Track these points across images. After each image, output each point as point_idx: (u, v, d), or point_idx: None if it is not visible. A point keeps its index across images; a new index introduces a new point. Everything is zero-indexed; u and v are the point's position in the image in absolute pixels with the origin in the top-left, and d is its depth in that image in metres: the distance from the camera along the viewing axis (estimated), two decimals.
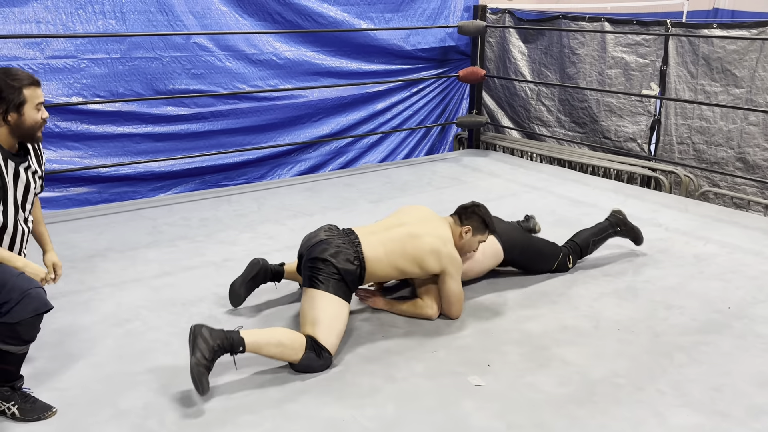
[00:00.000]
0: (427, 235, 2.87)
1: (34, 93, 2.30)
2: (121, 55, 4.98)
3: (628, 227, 3.66)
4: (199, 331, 2.40)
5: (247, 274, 3.07)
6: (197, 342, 2.36)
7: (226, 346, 2.41)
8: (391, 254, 2.83)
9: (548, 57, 6.37)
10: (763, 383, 2.48)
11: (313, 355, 2.54)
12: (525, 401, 2.37)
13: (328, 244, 2.76)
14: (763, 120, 4.99)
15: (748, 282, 3.37)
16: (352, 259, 2.75)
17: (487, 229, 3.04)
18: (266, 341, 2.49)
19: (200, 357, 2.34)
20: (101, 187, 5.12)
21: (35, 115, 2.32)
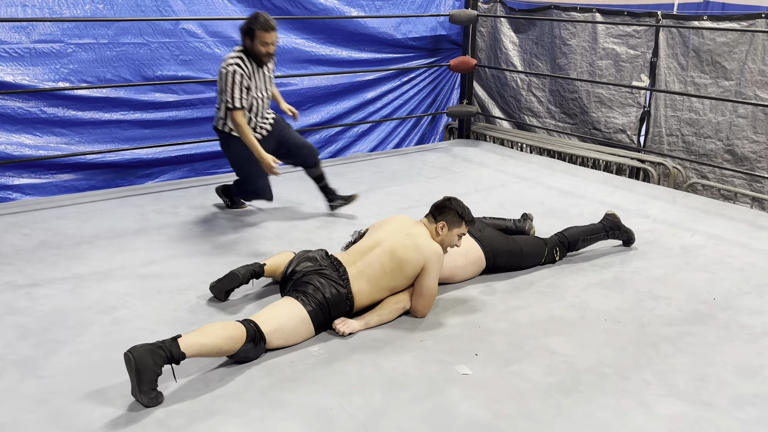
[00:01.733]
0: (405, 239, 2.83)
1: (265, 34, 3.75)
2: (109, 41, 4.92)
3: (622, 230, 3.66)
4: (138, 358, 2.21)
5: (224, 285, 3.00)
6: (141, 375, 2.21)
7: (168, 360, 2.27)
8: (374, 279, 2.80)
9: (539, 47, 6.36)
10: (746, 374, 2.50)
11: (250, 345, 2.48)
12: (512, 390, 2.38)
13: (322, 275, 2.73)
14: (751, 112, 5.01)
15: (734, 273, 3.39)
16: (345, 298, 2.75)
17: (462, 220, 2.93)
18: (205, 346, 2.37)
19: (147, 390, 2.23)
20: (88, 174, 5.07)
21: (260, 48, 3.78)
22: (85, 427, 2.17)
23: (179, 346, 2.30)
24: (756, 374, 2.50)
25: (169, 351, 2.27)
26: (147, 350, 2.24)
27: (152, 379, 2.24)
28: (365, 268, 2.82)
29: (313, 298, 2.68)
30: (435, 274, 2.85)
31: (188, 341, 2.33)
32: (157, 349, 2.26)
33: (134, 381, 2.23)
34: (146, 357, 2.22)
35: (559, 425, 2.19)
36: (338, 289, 2.74)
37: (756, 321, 2.90)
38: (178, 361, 2.30)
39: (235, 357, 2.50)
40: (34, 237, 3.83)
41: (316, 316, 2.68)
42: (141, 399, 2.24)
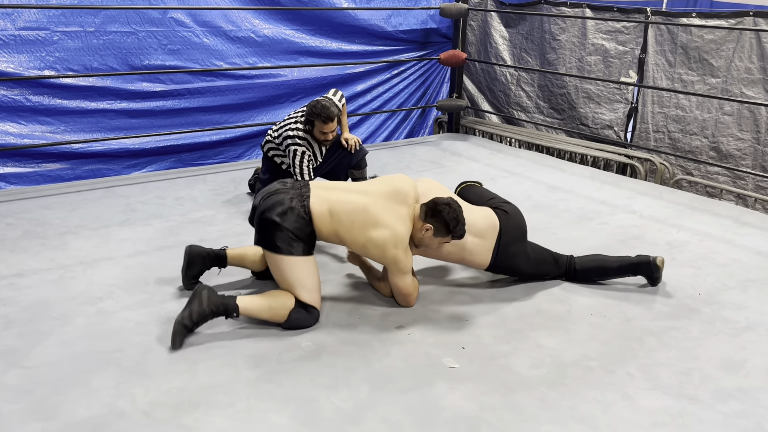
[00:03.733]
0: (381, 227, 2.71)
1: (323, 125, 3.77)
2: (96, 29, 4.87)
3: (653, 278, 3.14)
4: (199, 292, 2.60)
5: (183, 265, 3.03)
6: (192, 303, 2.58)
7: (221, 311, 2.61)
8: (336, 218, 2.72)
9: (529, 42, 6.37)
10: (729, 368, 2.53)
11: (301, 311, 2.70)
12: (498, 383, 2.39)
13: (278, 203, 2.69)
14: (737, 110, 5.06)
15: (719, 269, 3.43)
16: (302, 215, 2.69)
17: (449, 234, 2.77)
18: (258, 306, 2.67)
19: (186, 316, 2.55)
20: (74, 164, 5.02)
21: (320, 136, 3.84)
22: (69, 419, 2.15)
23: (235, 300, 2.64)
24: (739, 368, 2.53)
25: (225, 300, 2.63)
26: (208, 290, 2.64)
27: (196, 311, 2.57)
28: (336, 202, 2.73)
29: (282, 240, 2.66)
30: (401, 276, 2.80)
31: (243, 298, 2.66)
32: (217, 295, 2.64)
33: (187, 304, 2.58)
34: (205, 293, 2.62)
35: (544, 417, 2.21)
36: (296, 203, 2.70)
37: (739, 316, 2.93)
38: (231, 312, 2.64)
39: (286, 324, 2.70)
40: (18, 227, 3.79)
41: (300, 250, 2.69)
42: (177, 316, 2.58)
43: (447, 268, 3.37)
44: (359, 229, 2.72)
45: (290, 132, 3.88)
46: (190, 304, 2.58)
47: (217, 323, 2.73)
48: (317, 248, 3.10)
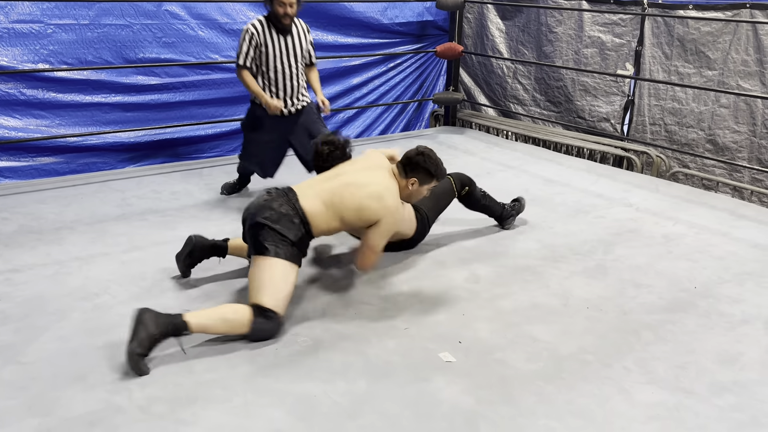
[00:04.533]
0: (369, 185, 2.83)
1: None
2: (90, 21, 4.83)
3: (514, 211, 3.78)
4: (141, 317, 2.38)
5: (182, 252, 3.04)
6: (138, 330, 2.36)
7: (170, 331, 2.40)
8: (331, 206, 2.78)
9: (525, 35, 6.35)
10: (725, 361, 2.54)
11: (261, 320, 2.54)
12: (495, 377, 2.40)
13: (268, 208, 2.70)
14: (733, 102, 5.06)
15: (715, 262, 3.43)
16: (293, 218, 2.70)
17: (434, 177, 2.95)
18: (212, 320, 2.49)
19: (135, 346, 2.34)
20: (69, 158, 5.00)
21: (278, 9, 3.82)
22: (65, 414, 2.15)
23: (182, 316, 2.45)
24: (735, 362, 2.54)
25: (172, 319, 2.42)
26: (151, 312, 2.40)
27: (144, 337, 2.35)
28: (322, 192, 2.80)
29: (271, 242, 2.63)
30: (384, 233, 2.86)
31: (193, 313, 2.49)
32: (162, 315, 2.42)
33: (130, 333, 2.37)
34: (148, 316, 2.38)
35: (541, 412, 2.21)
36: (287, 209, 2.70)
37: (735, 309, 2.94)
38: (181, 331, 2.43)
39: (251, 336, 2.56)
40: (13, 221, 3.78)
41: (288, 254, 2.64)
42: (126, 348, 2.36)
43: (443, 263, 3.37)
44: (350, 198, 2.80)
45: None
46: (136, 332, 2.35)
47: None
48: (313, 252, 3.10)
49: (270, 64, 3.89)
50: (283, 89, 3.96)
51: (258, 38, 3.84)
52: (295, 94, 4.01)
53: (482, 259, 3.42)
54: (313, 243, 3.17)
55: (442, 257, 3.43)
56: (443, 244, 3.57)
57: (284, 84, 3.95)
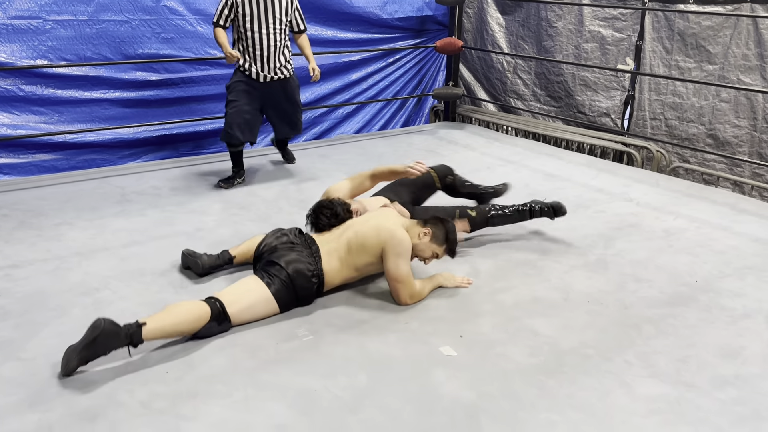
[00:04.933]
0: (372, 219, 2.89)
1: None
2: (89, 17, 4.82)
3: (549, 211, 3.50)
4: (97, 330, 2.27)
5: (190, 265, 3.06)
6: (92, 345, 2.27)
7: (124, 342, 2.32)
8: (345, 260, 2.82)
9: (525, 29, 6.34)
10: (727, 355, 2.54)
11: (213, 324, 2.53)
12: (496, 371, 2.40)
13: (292, 252, 2.75)
14: (734, 97, 5.04)
15: (715, 256, 3.43)
16: (311, 275, 2.75)
17: (445, 244, 2.89)
18: (166, 325, 2.42)
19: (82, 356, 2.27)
20: (68, 154, 4.99)
21: None
22: (66, 410, 2.15)
23: (141, 334, 2.34)
24: (736, 355, 2.53)
25: (127, 331, 2.33)
26: (107, 326, 2.28)
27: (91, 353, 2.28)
28: (339, 248, 2.84)
29: (277, 278, 2.69)
30: (394, 257, 2.76)
31: (151, 327, 2.37)
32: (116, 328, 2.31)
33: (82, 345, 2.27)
34: (104, 330, 2.27)
35: (542, 405, 2.21)
36: (306, 265, 2.74)
37: (737, 303, 2.94)
38: (137, 343, 2.35)
39: (198, 334, 2.53)
40: (13, 217, 3.77)
41: (281, 296, 2.69)
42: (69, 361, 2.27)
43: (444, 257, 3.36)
44: (356, 242, 2.81)
45: None
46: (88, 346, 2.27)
47: None
48: None
49: (246, 26, 4.01)
50: (260, 54, 4.07)
51: (234, 3, 3.97)
52: (272, 60, 4.11)
53: (483, 253, 3.41)
54: None
55: None
56: None
57: (261, 48, 4.05)
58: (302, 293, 2.75)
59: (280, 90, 4.26)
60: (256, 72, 4.14)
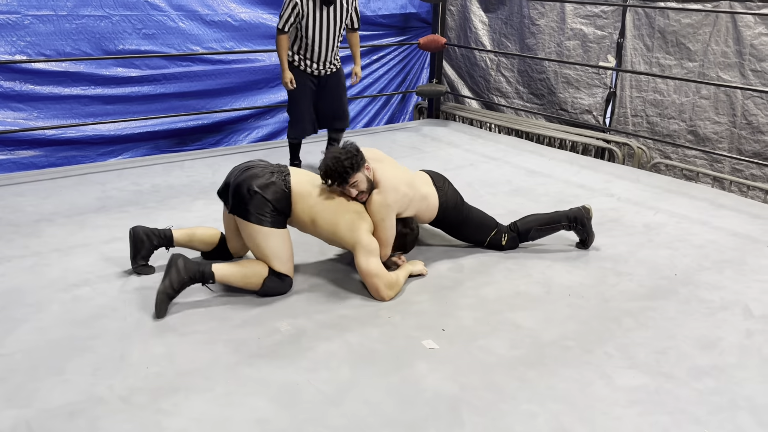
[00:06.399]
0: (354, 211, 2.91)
1: None
2: (68, 12, 4.77)
3: (586, 228, 3.38)
4: (175, 261, 2.67)
5: (132, 248, 3.01)
6: (170, 271, 2.65)
7: (197, 277, 2.69)
8: (316, 200, 2.85)
9: (509, 27, 6.36)
10: (705, 346, 2.57)
11: (275, 278, 2.80)
12: (477, 363, 2.41)
13: (258, 174, 2.80)
14: (714, 94, 5.11)
15: (695, 250, 3.47)
16: (282, 188, 2.80)
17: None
18: (233, 274, 2.76)
19: (167, 285, 2.63)
20: (47, 151, 4.93)
21: None
22: (44, 406, 2.12)
23: (211, 266, 2.73)
24: (714, 347, 2.57)
25: (201, 267, 2.70)
26: (183, 258, 2.69)
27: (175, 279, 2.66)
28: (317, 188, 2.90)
29: (260, 208, 2.74)
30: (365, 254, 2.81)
31: (219, 265, 2.75)
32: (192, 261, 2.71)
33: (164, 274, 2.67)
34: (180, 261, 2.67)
35: (523, 397, 2.22)
36: (275, 182, 2.80)
37: (715, 296, 2.98)
38: (208, 279, 2.71)
39: (260, 292, 2.81)
40: None
41: (275, 220, 2.78)
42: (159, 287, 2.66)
43: (426, 252, 3.37)
44: (333, 210, 2.87)
45: None
46: (168, 274, 2.65)
47: (196, 304, 2.71)
48: (298, 231, 3.09)
49: (309, 32, 4.17)
50: (318, 55, 4.27)
51: (300, 9, 4.10)
52: (329, 59, 4.33)
53: (465, 248, 3.42)
54: (298, 237, 3.15)
55: (425, 247, 3.43)
56: (426, 234, 3.57)
57: (320, 51, 4.26)
58: (279, 207, 2.78)
59: (330, 83, 4.45)
60: (311, 69, 4.33)
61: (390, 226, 2.95)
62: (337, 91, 4.48)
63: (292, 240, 2.91)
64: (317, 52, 4.27)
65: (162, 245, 3.04)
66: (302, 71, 4.33)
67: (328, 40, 4.26)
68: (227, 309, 2.74)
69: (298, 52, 4.30)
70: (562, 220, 3.39)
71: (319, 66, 4.34)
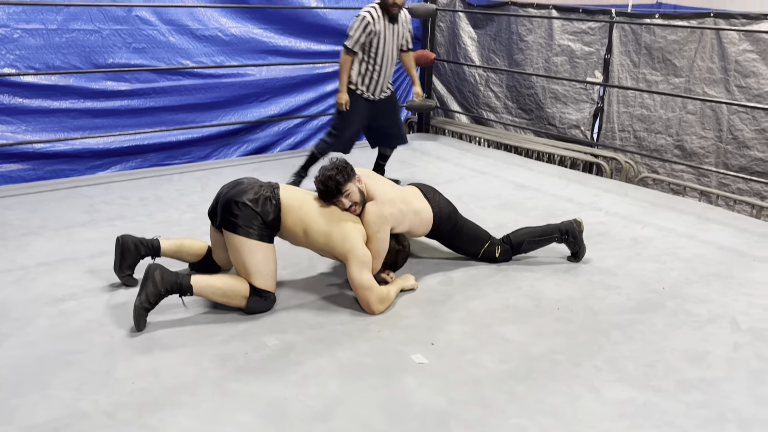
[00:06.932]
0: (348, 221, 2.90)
1: None
2: (58, 26, 4.77)
3: (577, 241, 3.41)
4: (152, 273, 2.61)
5: (117, 257, 2.98)
6: (147, 284, 2.59)
7: (175, 289, 2.64)
8: (305, 209, 2.84)
9: (497, 43, 6.42)
10: (692, 359, 2.58)
11: (257, 299, 2.76)
12: (467, 378, 2.40)
13: (249, 188, 2.80)
14: (700, 109, 5.17)
15: (682, 264, 3.49)
16: (272, 200, 2.80)
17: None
18: (213, 290, 2.72)
19: (144, 299, 2.58)
20: (36, 164, 4.91)
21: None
22: (27, 422, 2.09)
23: (189, 278, 2.67)
24: (702, 360, 2.58)
25: (179, 279, 2.64)
26: (161, 269, 2.63)
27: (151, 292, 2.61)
28: (306, 201, 2.89)
29: (243, 220, 2.72)
30: (358, 265, 2.80)
31: (198, 278, 2.70)
32: (170, 273, 2.65)
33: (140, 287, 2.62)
34: (158, 273, 2.60)
35: (512, 411, 2.22)
36: (264, 195, 2.79)
37: (702, 309, 2.99)
38: (186, 292, 2.65)
39: (247, 311, 2.77)
40: None
41: (262, 233, 2.76)
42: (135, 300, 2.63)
43: (416, 265, 3.37)
44: (326, 220, 2.86)
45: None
46: (145, 287, 2.60)
47: (183, 318, 2.69)
48: (288, 245, 3.09)
49: (379, 50, 4.12)
50: (384, 75, 4.22)
51: (373, 26, 4.03)
52: (389, 79, 4.32)
53: (455, 260, 3.43)
54: (288, 250, 3.14)
55: (416, 260, 3.43)
56: (417, 247, 3.57)
57: (386, 70, 4.22)
58: (268, 221, 2.76)
59: (387, 105, 4.43)
60: (371, 92, 4.31)
61: (384, 238, 2.95)
62: (394, 112, 4.50)
63: (280, 252, 2.91)
64: (384, 71, 4.23)
65: (149, 255, 3.02)
66: (359, 95, 4.29)
67: (392, 59, 4.25)
68: (215, 324, 2.72)
69: (361, 77, 4.24)
70: (555, 233, 3.43)
71: (377, 90, 4.31)
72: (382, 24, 4.09)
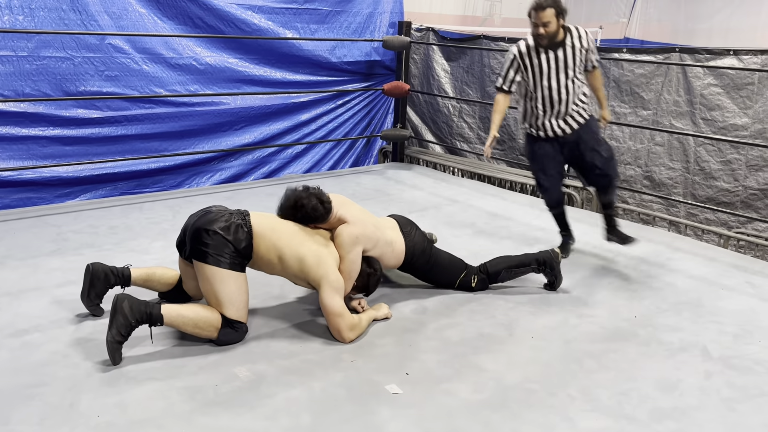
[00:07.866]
0: (320, 244, 2.90)
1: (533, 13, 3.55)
2: (29, 53, 4.72)
3: (554, 271, 3.43)
4: (120, 304, 2.53)
5: (86, 285, 2.91)
6: (117, 317, 2.52)
7: (144, 319, 2.57)
8: (277, 233, 2.81)
9: (470, 75, 6.53)
10: (665, 388, 2.59)
11: (229, 330, 2.72)
12: (441, 408, 2.37)
13: (218, 217, 2.76)
14: (667, 141, 5.29)
15: (653, 293, 3.53)
16: (243, 227, 2.77)
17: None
18: (184, 321, 2.65)
19: (116, 333, 2.51)
20: (2, 192, 4.81)
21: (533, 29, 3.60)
22: None
23: (160, 308, 2.60)
24: (674, 388, 2.59)
25: (149, 309, 2.57)
26: (129, 300, 2.55)
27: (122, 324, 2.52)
28: (277, 225, 2.87)
29: (218, 249, 2.68)
30: (330, 291, 2.79)
31: (169, 308, 2.63)
32: (139, 302, 2.57)
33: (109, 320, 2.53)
34: (126, 304, 2.53)
35: None
36: (234, 223, 2.76)
37: (674, 337, 3.01)
38: (156, 322, 2.59)
39: (219, 343, 2.73)
40: None
41: (234, 262, 2.72)
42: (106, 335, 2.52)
43: (389, 294, 3.35)
44: (299, 242, 2.84)
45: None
46: (115, 320, 2.52)
47: (151, 350, 2.62)
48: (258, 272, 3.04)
49: (536, 84, 3.70)
50: (550, 108, 3.73)
51: (519, 61, 3.69)
52: (565, 112, 3.74)
53: (430, 288, 3.41)
54: (259, 277, 3.10)
55: (389, 288, 3.41)
56: (392, 273, 3.56)
57: (551, 103, 3.70)
58: (240, 248, 2.72)
59: (580, 139, 3.79)
60: (551, 128, 3.78)
61: (355, 259, 2.94)
62: (590, 144, 3.78)
63: (251, 279, 2.87)
64: (549, 104, 3.71)
65: (118, 284, 2.95)
66: (540, 137, 3.82)
67: (559, 88, 3.68)
68: (184, 355, 2.66)
69: (527, 117, 3.83)
70: (532, 263, 3.43)
71: (561, 124, 3.76)
72: (534, 55, 3.68)
